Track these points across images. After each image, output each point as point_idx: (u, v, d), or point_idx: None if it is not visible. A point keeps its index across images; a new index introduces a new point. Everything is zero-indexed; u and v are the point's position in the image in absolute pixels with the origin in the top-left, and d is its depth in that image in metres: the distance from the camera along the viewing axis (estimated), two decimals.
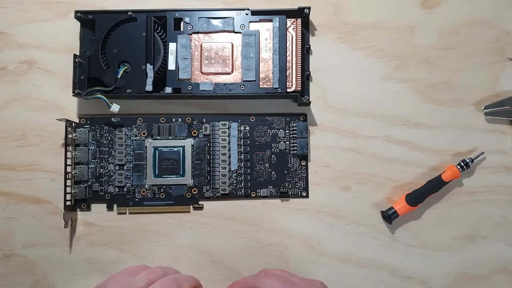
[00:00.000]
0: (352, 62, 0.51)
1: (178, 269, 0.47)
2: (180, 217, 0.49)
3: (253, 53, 0.48)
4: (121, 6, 0.50)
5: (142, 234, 0.49)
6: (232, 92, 0.48)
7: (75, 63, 0.47)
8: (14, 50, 0.50)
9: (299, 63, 0.48)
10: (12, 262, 0.48)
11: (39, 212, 0.49)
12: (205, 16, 0.48)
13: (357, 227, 0.49)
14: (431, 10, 0.51)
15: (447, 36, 0.51)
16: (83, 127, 0.49)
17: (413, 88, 0.50)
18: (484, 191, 0.50)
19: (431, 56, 0.51)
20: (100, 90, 0.46)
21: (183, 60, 0.48)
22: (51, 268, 0.48)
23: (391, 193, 0.50)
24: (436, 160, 0.50)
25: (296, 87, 0.48)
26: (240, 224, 0.49)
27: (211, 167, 0.49)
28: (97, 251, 0.49)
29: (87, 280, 0.48)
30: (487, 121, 0.51)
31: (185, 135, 0.49)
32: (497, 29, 0.51)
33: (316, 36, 0.51)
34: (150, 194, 0.49)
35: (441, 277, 0.49)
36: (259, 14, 0.48)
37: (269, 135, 0.49)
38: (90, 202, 0.49)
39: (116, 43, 0.47)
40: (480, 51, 0.51)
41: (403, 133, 0.50)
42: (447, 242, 0.49)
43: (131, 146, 0.49)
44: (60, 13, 0.51)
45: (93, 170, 0.49)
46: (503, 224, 0.50)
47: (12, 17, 0.51)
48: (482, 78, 0.51)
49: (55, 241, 0.49)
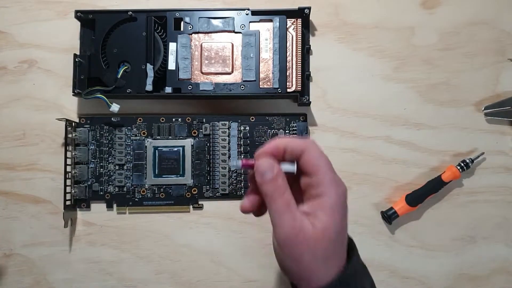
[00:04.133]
0: (352, 62, 0.51)
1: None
2: (180, 217, 0.49)
3: (253, 53, 0.48)
4: (121, 6, 0.50)
5: (142, 234, 0.49)
6: (232, 92, 0.48)
7: (75, 62, 0.47)
8: (14, 50, 0.50)
9: (299, 63, 0.48)
10: (12, 261, 0.48)
11: (39, 212, 0.49)
12: (205, 16, 0.48)
13: (357, 227, 0.49)
14: (432, 10, 0.51)
15: (448, 36, 0.51)
16: (83, 126, 0.49)
17: (413, 89, 0.50)
18: (484, 192, 0.50)
19: (431, 56, 0.51)
20: (100, 90, 0.46)
21: (183, 60, 0.48)
22: (51, 267, 0.48)
23: (391, 193, 0.50)
24: (436, 161, 0.50)
25: (296, 87, 0.48)
26: (240, 224, 0.49)
27: (211, 167, 0.49)
28: (97, 251, 0.49)
29: (87, 280, 0.48)
30: (487, 122, 0.50)
31: (185, 135, 0.49)
32: (497, 30, 0.51)
33: (316, 36, 0.51)
34: (150, 194, 0.49)
35: (441, 277, 0.49)
36: (259, 14, 0.48)
37: (269, 135, 0.49)
38: (90, 201, 0.49)
39: (116, 43, 0.47)
40: (480, 52, 0.51)
41: (403, 134, 0.50)
42: (447, 242, 0.49)
43: (131, 146, 0.49)
44: (60, 13, 0.51)
45: (93, 170, 0.49)
46: (503, 224, 0.50)
47: (12, 17, 0.51)
48: (482, 79, 0.51)
49: (55, 241, 0.49)
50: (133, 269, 0.48)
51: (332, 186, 0.33)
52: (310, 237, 0.32)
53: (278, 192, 0.33)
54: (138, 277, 0.48)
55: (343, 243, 0.34)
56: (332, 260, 0.33)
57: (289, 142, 0.34)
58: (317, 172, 0.33)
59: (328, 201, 0.33)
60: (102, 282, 0.48)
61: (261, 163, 0.34)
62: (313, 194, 0.33)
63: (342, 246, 0.34)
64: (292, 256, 0.33)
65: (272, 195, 0.33)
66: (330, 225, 0.32)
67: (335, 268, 0.33)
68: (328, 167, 0.34)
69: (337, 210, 0.33)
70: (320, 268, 0.33)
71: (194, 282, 0.49)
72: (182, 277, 0.49)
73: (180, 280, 0.48)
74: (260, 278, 0.49)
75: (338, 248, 0.33)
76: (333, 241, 0.32)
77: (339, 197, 0.33)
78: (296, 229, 0.32)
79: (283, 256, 0.33)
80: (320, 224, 0.32)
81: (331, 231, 0.32)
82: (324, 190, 0.33)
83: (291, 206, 0.33)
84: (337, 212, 0.33)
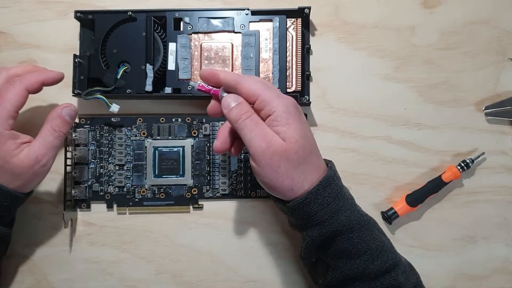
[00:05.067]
0: (352, 62, 0.50)
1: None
2: (180, 217, 0.49)
3: (253, 53, 0.48)
4: (121, 6, 0.50)
5: (142, 234, 0.49)
6: None
7: (75, 63, 0.47)
8: (14, 50, 0.50)
9: (299, 63, 0.48)
10: (13, 262, 0.48)
11: (39, 212, 0.49)
12: (205, 16, 0.48)
13: None
14: (432, 10, 0.51)
15: (448, 36, 0.51)
16: (83, 127, 0.49)
17: (413, 88, 0.50)
18: (484, 192, 0.50)
19: (432, 56, 0.51)
20: (100, 90, 0.46)
21: (183, 60, 0.48)
22: (51, 268, 0.48)
23: (391, 193, 0.50)
24: (436, 161, 0.50)
25: (296, 87, 0.48)
26: (240, 224, 0.49)
27: (211, 167, 0.49)
28: (97, 251, 0.49)
29: (87, 280, 0.48)
30: (487, 122, 0.50)
31: (185, 135, 0.49)
32: (498, 29, 0.51)
33: (316, 36, 0.51)
34: (150, 194, 0.49)
35: (441, 277, 0.49)
36: (259, 14, 0.48)
37: None
38: (90, 202, 0.49)
39: (116, 43, 0.47)
40: (480, 51, 0.51)
41: (404, 133, 0.50)
42: (447, 242, 0.49)
43: (131, 146, 0.49)
44: (60, 13, 0.51)
45: (93, 170, 0.49)
46: (503, 224, 0.50)
47: (12, 17, 0.51)
48: (483, 78, 0.50)
49: (55, 241, 0.49)
50: (133, 269, 0.49)
51: (277, 100, 0.38)
52: (280, 146, 0.37)
53: (246, 114, 0.38)
54: (138, 277, 0.49)
55: (312, 150, 0.39)
56: (309, 166, 0.38)
57: (224, 76, 0.40)
58: (259, 96, 0.38)
59: (278, 113, 0.37)
60: (103, 282, 0.48)
61: (226, 98, 0.39)
62: (266, 115, 0.38)
63: (313, 153, 0.39)
64: (271, 167, 0.37)
65: (241, 117, 0.38)
66: (292, 132, 0.37)
67: (314, 174, 0.38)
68: (266, 87, 0.39)
69: (291, 117, 0.37)
70: (300, 175, 0.37)
71: (194, 282, 0.49)
72: (182, 277, 0.49)
73: (180, 280, 0.49)
74: (260, 278, 0.49)
75: (310, 155, 0.38)
76: (301, 146, 0.37)
77: (287, 107, 0.38)
78: (267, 141, 0.37)
79: (262, 172, 0.37)
80: (283, 134, 0.37)
81: (296, 138, 0.37)
82: (271, 107, 0.37)
83: (259, 123, 0.38)
84: (292, 119, 0.37)
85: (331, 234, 0.38)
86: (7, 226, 0.44)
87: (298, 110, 0.39)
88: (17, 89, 0.41)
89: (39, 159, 0.40)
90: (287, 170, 0.37)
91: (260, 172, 0.38)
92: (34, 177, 0.41)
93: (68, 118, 0.42)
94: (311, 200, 0.37)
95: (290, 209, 0.39)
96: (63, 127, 0.42)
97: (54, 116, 0.42)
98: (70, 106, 0.42)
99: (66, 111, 0.42)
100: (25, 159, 0.40)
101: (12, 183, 0.40)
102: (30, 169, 0.40)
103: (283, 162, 0.37)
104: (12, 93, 0.40)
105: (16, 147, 0.40)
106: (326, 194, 0.38)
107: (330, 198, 0.38)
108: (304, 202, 0.37)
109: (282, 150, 0.37)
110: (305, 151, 0.37)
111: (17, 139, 0.41)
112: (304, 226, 0.39)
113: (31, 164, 0.40)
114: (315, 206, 0.38)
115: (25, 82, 0.41)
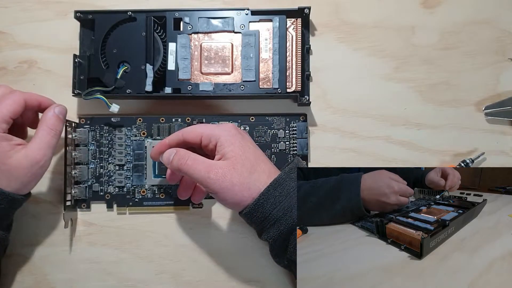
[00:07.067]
0: (352, 62, 0.50)
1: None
2: (180, 217, 0.49)
3: (253, 53, 0.48)
4: (120, 6, 0.50)
5: (142, 234, 0.49)
6: (232, 92, 0.47)
7: (75, 63, 0.47)
8: (14, 50, 0.50)
9: (299, 63, 0.48)
10: (13, 262, 0.48)
11: (39, 212, 0.49)
12: (205, 16, 0.48)
13: None
14: (432, 10, 0.51)
15: (448, 36, 0.51)
16: (83, 127, 0.49)
17: (413, 88, 0.50)
18: None
19: (432, 56, 0.51)
20: (100, 90, 0.46)
21: (183, 60, 0.48)
22: (51, 268, 0.48)
23: None
24: (436, 161, 0.50)
25: (296, 87, 0.48)
26: (240, 224, 0.49)
27: None
28: (97, 251, 0.49)
29: (87, 280, 0.48)
30: (487, 122, 0.50)
31: None
32: (498, 29, 0.51)
33: (316, 36, 0.51)
34: (150, 194, 0.49)
35: None
36: (259, 14, 0.48)
37: (269, 135, 0.49)
38: (90, 202, 0.49)
39: (116, 43, 0.47)
40: (480, 51, 0.51)
41: (404, 133, 0.50)
42: None
43: (131, 146, 0.49)
44: (60, 13, 0.51)
45: (93, 170, 0.49)
46: None
47: (12, 17, 0.51)
48: (483, 78, 0.50)
49: (55, 241, 0.49)
50: (133, 269, 0.49)
51: (217, 130, 0.42)
52: (227, 165, 0.40)
53: (184, 158, 0.41)
54: (138, 277, 0.49)
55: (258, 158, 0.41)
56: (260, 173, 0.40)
57: (169, 140, 0.43)
58: (202, 133, 0.42)
59: (223, 138, 0.41)
60: (103, 282, 0.48)
61: (163, 155, 0.42)
62: (213, 145, 0.41)
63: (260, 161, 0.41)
64: (226, 189, 0.39)
65: (181, 162, 0.40)
66: (236, 150, 0.40)
67: (267, 179, 0.40)
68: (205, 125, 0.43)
69: (233, 138, 0.41)
70: (255, 183, 0.40)
71: (194, 282, 0.49)
72: (182, 277, 0.49)
73: (180, 280, 0.49)
74: (260, 278, 0.49)
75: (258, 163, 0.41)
76: (246, 158, 0.40)
77: (228, 131, 0.42)
78: (209, 168, 0.40)
79: (223, 196, 0.40)
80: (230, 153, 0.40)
81: (239, 153, 0.40)
82: (215, 136, 0.41)
83: (199, 159, 0.40)
84: (234, 139, 0.41)
85: (288, 230, 0.40)
86: (5, 230, 0.44)
87: (238, 131, 0.42)
88: (16, 98, 0.42)
89: (38, 159, 0.41)
90: (241, 183, 0.39)
91: (222, 197, 0.40)
92: (33, 178, 0.42)
93: (62, 117, 0.43)
94: (264, 201, 0.39)
95: (248, 214, 0.40)
96: (58, 125, 0.43)
97: (49, 116, 0.43)
98: (60, 105, 0.44)
99: (58, 110, 0.43)
100: (23, 160, 0.40)
101: (9, 185, 0.41)
102: (28, 171, 0.41)
103: (235, 177, 0.39)
104: (10, 100, 0.42)
105: (10, 148, 0.40)
106: (277, 193, 0.40)
107: (281, 197, 0.40)
108: (258, 204, 0.39)
109: (230, 168, 0.40)
110: (250, 161, 0.40)
111: (11, 141, 0.41)
112: (263, 229, 0.41)
113: (30, 165, 0.40)
114: (268, 206, 0.40)
115: (25, 94, 0.43)
